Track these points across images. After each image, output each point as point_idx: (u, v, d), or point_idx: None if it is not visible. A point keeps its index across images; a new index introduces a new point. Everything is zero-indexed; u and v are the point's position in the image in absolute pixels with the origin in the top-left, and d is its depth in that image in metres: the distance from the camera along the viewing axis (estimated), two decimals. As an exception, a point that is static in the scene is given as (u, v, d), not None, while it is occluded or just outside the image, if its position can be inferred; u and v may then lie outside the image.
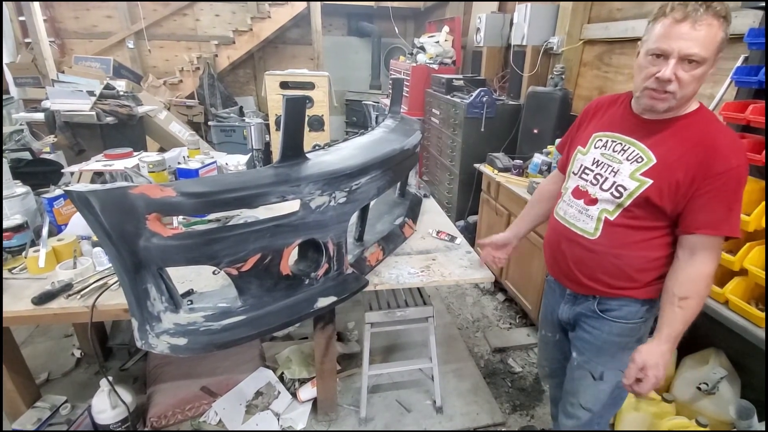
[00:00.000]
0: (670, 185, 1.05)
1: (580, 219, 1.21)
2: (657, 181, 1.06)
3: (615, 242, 1.16)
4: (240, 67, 6.49)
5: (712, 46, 0.95)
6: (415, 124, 1.97)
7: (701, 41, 0.94)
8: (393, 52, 6.74)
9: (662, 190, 1.06)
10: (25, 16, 4.46)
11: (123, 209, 0.95)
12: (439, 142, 3.90)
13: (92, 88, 3.56)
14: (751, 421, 1.40)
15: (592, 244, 1.19)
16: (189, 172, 1.91)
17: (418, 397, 2.07)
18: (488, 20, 3.80)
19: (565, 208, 1.27)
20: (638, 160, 1.10)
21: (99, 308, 1.30)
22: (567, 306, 1.35)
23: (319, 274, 1.31)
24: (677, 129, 1.07)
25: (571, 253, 1.25)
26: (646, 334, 1.26)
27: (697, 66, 0.97)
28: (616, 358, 1.27)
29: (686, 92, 1.01)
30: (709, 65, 0.98)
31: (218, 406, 1.87)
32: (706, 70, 0.99)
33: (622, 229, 1.14)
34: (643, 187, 1.08)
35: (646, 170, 1.08)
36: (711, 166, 1.01)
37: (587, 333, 1.29)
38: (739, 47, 1.80)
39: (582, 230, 1.21)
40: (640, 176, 1.09)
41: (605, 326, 1.25)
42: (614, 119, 1.21)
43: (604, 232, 1.16)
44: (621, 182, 1.12)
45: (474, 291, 3.09)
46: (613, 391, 1.31)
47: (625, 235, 1.14)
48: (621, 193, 1.12)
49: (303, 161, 1.25)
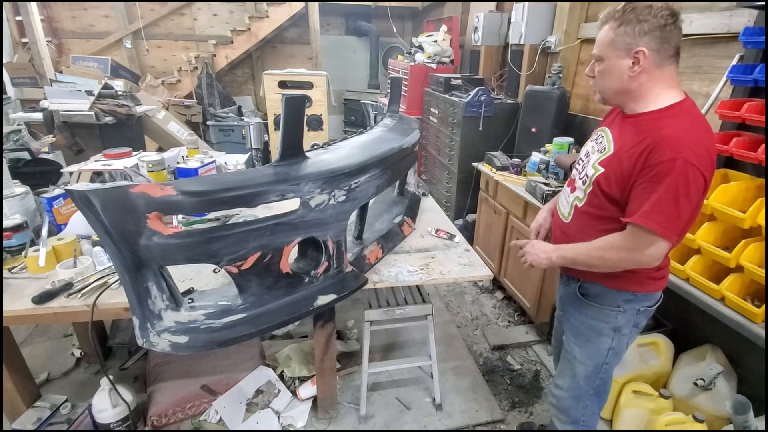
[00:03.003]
0: (617, 174, 1.12)
1: (563, 204, 1.35)
2: (607, 170, 1.14)
3: (580, 227, 1.25)
4: (238, 66, 6.49)
5: (602, 44, 1.12)
6: (413, 123, 1.98)
7: (597, 43, 1.14)
8: (391, 51, 6.75)
9: (609, 178, 1.13)
10: (22, 16, 4.45)
11: (124, 208, 0.95)
12: (438, 141, 3.91)
13: (90, 88, 3.56)
14: (748, 416, 1.41)
15: (565, 227, 1.32)
16: (188, 172, 1.91)
17: (418, 394, 2.08)
18: (486, 19, 3.81)
19: (561, 195, 1.40)
20: (602, 150, 1.19)
21: (99, 307, 1.30)
22: (561, 287, 1.47)
23: (319, 273, 1.32)
24: (641, 122, 1.12)
25: (556, 234, 1.39)
26: (625, 326, 1.29)
27: (599, 62, 1.14)
28: (591, 342, 1.33)
29: (600, 85, 1.16)
30: (612, 60, 1.10)
31: (218, 404, 1.88)
32: (609, 65, 1.11)
33: (586, 216, 1.23)
34: (596, 174, 1.16)
35: (603, 159, 1.17)
36: (648, 157, 1.04)
37: (570, 315, 1.39)
38: (735, 46, 1.82)
39: (562, 214, 1.34)
40: (597, 164, 1.18)
41: (583, 308, 1.33)
42: (611, 116, 1.30)
43: (574, 217, 1.28)
44: (587, 170, 1.21)
45: (473, 289, 3.10)
46: (588, 376, 1.37)
47: (589, 222, 1.22)
48: (585, 180, 1.22)
49: (302, 160, 1.25)
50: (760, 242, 1.45)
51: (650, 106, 1.11)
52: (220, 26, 6.28)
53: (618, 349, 1.33)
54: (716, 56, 1.97)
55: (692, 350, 1.80)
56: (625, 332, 1.30)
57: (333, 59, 6.69)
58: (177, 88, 5.78)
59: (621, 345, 1.32)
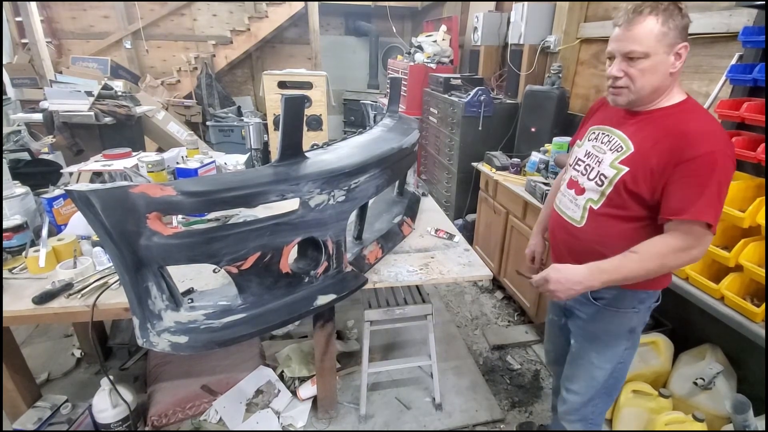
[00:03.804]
0: (645, 172, 1.09)
1: (570, 208, 1.28)
2: (633, 169, 1.11)
3: (598, 230, 1.20)
4: (238, 66, 6.49)
5: (648, 40, 1.02)
6: (413, 123, 1.98)
7: (636, 38, 1.03)
8: (391, 51, 6.75)
9: (637, 177, 1.10)
10: (22, 17, 4.44)
11: (124, 208, 0.95)
12: (437, 141, 3.91)
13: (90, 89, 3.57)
14: (747, 416, 1.41)
15: (578, 231, 1.25)
16: (188, 172, 1.91)
17: (418, 394, 2.08)
18: (485, 19, 3.82)
19: (560, 198, 1.34)
20: (618, 149, 1.16)
21: (99, 307, 1.31)
22: None
23: (319, 272, 1.32)
24: (655, 119, 1.11)
25: (563, 240, 1.31)
26: (640, 325, 1.29)
27: (641, 60, 1.05)
28: (609, 347, 1.31)
29: (641, 84, 1.07)
30: (660, 56, 1.04)
31: (219, 404, 1.88)
32: (656, 61, 1.04)
33: (604, 218, 1.18)
34: (620, 174, 1.13)
35: (624, 158, 1.13)
36: (681, 152, 1.03)
37: (581, 319, 1.34)
38: (734, 45, 1.82)
39: (571, 218, 1.27)
40: (618, 164, 1.14)
41: (597, 313, 1.29)
42: (608, 114, 1.27)
43: (589, 220, 1.22)
44: (603, 171, 1.17)
45: (472, 289, 3.10)
46: (607, 379, 1.34)
47: (608, 225, 1.18)
48: (603, 181, 1.17)
49: (302, 160, 1.26)
50: (760, 241, 1.45)
51: (664, 102, 1.11)
52: (220, 26, 6.28)
53: (634, 348, 1.32)
54: (715, 56, 1.97)
55: (692, 350, 1.80)
56: (639, 331, 1.30)
57: (332, 59, 6.69)
58: (176, 89, 5.78)
59: (636, 343, 1.32)
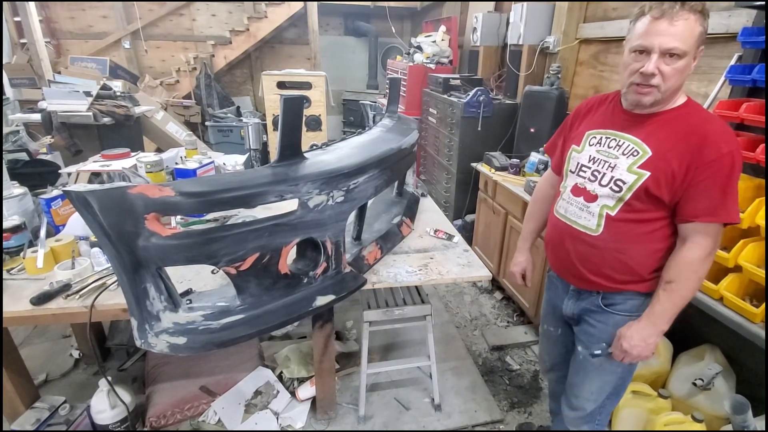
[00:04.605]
0: (667, 175, 1.08)
1: (582, 216, 1.23)
2: (654, 172, 1.09)
3: (617, 237, 1.18)
4: (237, 67, 6.49)
5: (691, 39, 1.01)
6: (412, 123, 1.98)
7: (679, 35, 1.00)
8: (390, 51, 6.75)
9: (659, 181, 1.09)
10: (21, 17, 4.43)
11: (122, 209, 0.95)
12: (437, 142, 3.91)
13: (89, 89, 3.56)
14: (746, 416, 1.41)
15: (595, 240, 1.21)
16: (187, 172, 1.91)
17: (417, 395, 2.08)
18: (485, 20, 3.82)
19: (565, 206, 1.29)
20: (634, 153, 1.13)
21: (98, 308, 1.30)
22: (571, 301, 1.37)
23: (318, 273, 1.32)
24: (667, 121, 1.11)
25: (575, 250, 1.26)
26: None
27: (678, 59, 1.02)
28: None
29: (670, 85, 1.05)
30: (690, 58, 1.03)
31: (217, 405, 1.88)
32: (688, 62, 1.03)
33: (623, 223, 1.16)
34: (641, 180, 1.11)
35: (642, 163, 1.11)
36: (703, 154, 1.03)
37: (593, 327, 1.31)
38: (733, 46, 1.82)
39: (584, 227, 1.23)
40: (637, 169, 1.12)
41: (610, 319, 1.27)
42: (605, 117, 1.24)
43: (607, 227, 1.18)
44: (619, 176, 1.14)
45: (472, 289, 3.10)
46: (617, 381, 1.34)
47: (627, 230, 1.16)
48: (620, 187, 1.14)
49: (301, 160, 1.25)
50: (759, 242, 1.45)
51: (670, 103, 1.11)
52: (219, 27, 6.28)
53: None
54: (715, 56, 1.97)
55: (691, 350, 1.80)
56: None
57: (332, 59, 6.69)
58: (175, 89, 5.78)
59: None
